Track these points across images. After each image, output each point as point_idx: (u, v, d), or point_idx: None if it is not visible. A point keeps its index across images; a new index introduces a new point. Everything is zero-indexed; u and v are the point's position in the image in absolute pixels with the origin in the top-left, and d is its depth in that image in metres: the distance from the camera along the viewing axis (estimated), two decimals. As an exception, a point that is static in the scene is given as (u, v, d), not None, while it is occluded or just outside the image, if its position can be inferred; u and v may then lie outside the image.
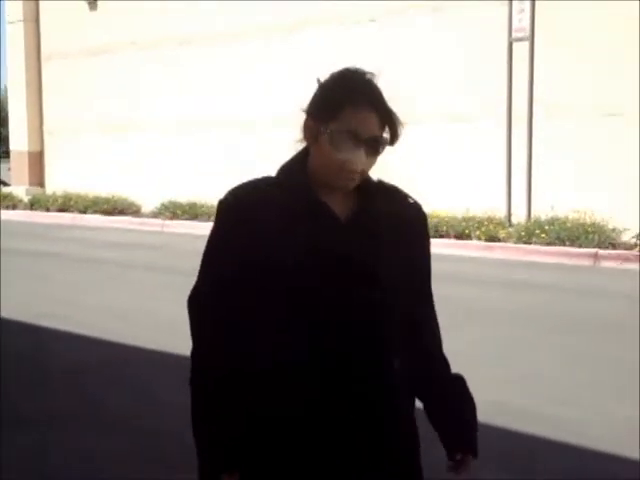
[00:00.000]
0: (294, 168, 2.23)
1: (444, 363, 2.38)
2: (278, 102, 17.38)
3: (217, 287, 2.20)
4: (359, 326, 2.15)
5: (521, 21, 14.56)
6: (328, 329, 2.12)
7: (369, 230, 2.19)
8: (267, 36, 17.94)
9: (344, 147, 2.11)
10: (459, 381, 2.37)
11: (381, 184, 2.28)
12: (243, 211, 2.17)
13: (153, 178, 20.11)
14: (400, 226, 2.24)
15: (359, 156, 2.11)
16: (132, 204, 20.26)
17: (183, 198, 18.86)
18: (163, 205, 19.11)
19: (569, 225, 13.58)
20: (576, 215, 13.78)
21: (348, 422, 2.14)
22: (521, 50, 14.62)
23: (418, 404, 2.35)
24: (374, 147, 2.13)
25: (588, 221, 13.58)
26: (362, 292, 2.14)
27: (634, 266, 12.21)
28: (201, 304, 2.25)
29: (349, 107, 2.10)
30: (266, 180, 2.26)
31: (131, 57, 20.62)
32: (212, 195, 18.32)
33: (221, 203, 2.25)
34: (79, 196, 21.00)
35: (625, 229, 13.41)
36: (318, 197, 2.17)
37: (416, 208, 2.32)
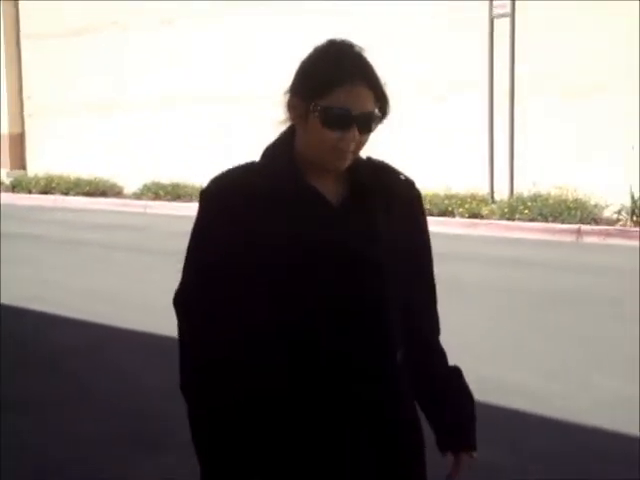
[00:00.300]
0: (279, 151, 2.11)
1: (441, 354, 2.29)
2: (261, 81, 17.33)
3: (203, 282, 2.09)
4: (358, 317, 2.05)
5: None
6: (324, 321, 2.02)
7: (363, 214, 2.08)
8: (250, 12, 17.83)
9: (337, 125, 1.99)
10: (456, 374, 2.29)
11: (371, 162, 2.18)
12: (226, 200, 2.06)
13: (135, 159, 20.02)
14: (394, 206, 2.14)
15: (352, 134, 2.01)
16: (114, 185, 20.18)
17: (166, 179, 18.81)
18: (145, 186, 19.05)
19: (552, 201, 13.62)
20: (558, 191, 13.83)
21: (350, 416, 2.04)
22: (503, 26, 14.60)
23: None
24: (367, 124, 2.03)
25: (570, 197, 13.63)
26: (360, 281, 2.04)
27: (616, 241, 12.28)
28: (187, 300, 2.16)
29: (340, 82, 1.98)
30: (250, 166, 2.14)
31: (113, 37, 20.47)
32: (195, 176, 18.33)
33: (203, 193, 2.15)
34: (61, 178, 20.90)
35: (607, 205, 13.46)
36: (307, 181, 2.06)
37: (409, 185, 2.23)
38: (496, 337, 7.14)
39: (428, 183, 14.86)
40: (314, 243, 2.01)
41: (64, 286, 9.70)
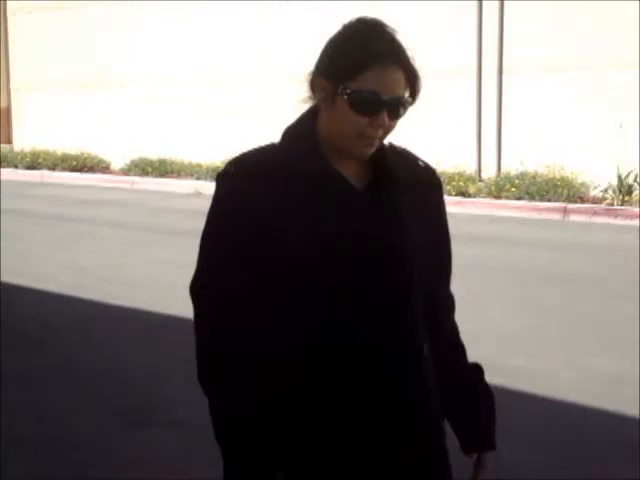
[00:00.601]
0: (300, 133, 1.99)
1: (462, 351, 2.21)
2: (246, 58, 17.28)
3: (220, 270, 1.97)
4: (383, 310, 1.96)
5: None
6: (350, 312, 1.93)
7: (387, 201, 1.99)
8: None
9: (366, 109, 1.88)
10: (477, 371, 2.21)
11: (392, 147, 2.09)
12: (245, 183, 1.94)
13: (122, 135, 19.95)
14: (417, 194, 2.05)
15: (382, 119, 1.90)
16: (101, 161, 20.11)
17: (153, 155, 18.76)
18: (133, 162, 18.99)
19: (538, 180, 13.65)
20: (545, 170, 13.85)
21: (376, 412, 1.96)
22: (492, 6, 14.57)
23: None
24: (397, 109, 1.92)
25: (557, 176, 13.66)
26: (387, 270, 1.95)
27: (602, 220, 12.32)
28: (204, 289, 2.02)
29: (372, 64, 1.86)
30: (270, 148, 2.02)
31: (100, 13, 20.35)
32: (181, 152, 18.28)
33: (220, 176, 2.01)
34: (48, 153, 20.81)
35: (593, 184, 13.50)
36: (331, 165, 1.96)
37: (430, 172, 2.17)
38: (481, 316, 7.16)
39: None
40: (339, 229, 1.92)
41: (49, 261, 9.68)
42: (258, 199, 1.91)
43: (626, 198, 13.00)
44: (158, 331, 6.85)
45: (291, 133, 2.01)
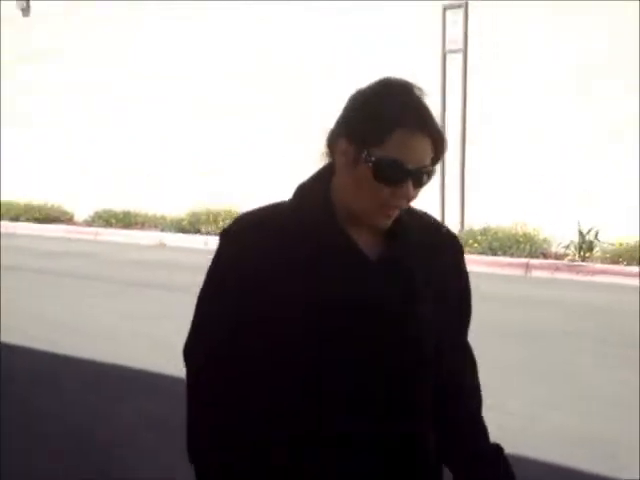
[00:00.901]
0: (314, 191, 1.89)
1: (483, 432, 2.06)
2: (208, 93, 17.37)
3: (217, 337, 1.87)
4: (388, 392, 1.86)
5: (455, 32, 14.70)
6: (353, 384, 1.82)
7: (401, 270, 1.88)
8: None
9: (391, 179, 1.78)
10: (499, 454, 2.04)
11: (411, 211, 1.97)
12: (250, 243, 1.83)
13: (86, 186, 19.90)
14: (435, 261, 1.95)
15: (407, 190, 1.81)
16: (65, 212, 20.04)
17: (117, 207, 18.72)
18: (96, 213, 18.95)
19: (501, 235, 13.77)
20: (508, 225, 13.98)
21: None
22: (455, 61, 14.78)
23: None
24: (422, 178, 1.83)
25: (520, 231, 13.79)
26: (395, 343, 1.85)
27: (564, 275, 12.43)
28: (197, 355, 1.92)
29: (400, 131, 1.76)
30: (278, 206, 1.92)
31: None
32: (146, 204, 18.22)
33: (224, 233, 1.92)
34: (10, 203, 20.70)
35: (555, 240, 13.64)
36: (345, 231, 1.85)
37: (451, 238, 2.07)
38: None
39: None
40: (346, 299, 1.82)
41: (12, 312, 9.58)
42: (259, 261, 1.82)
43: (587, 254, 13.14)
44: (122, 384, 6.81)
45: (304, 191, 1.92)
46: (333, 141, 1.86)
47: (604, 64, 13.04)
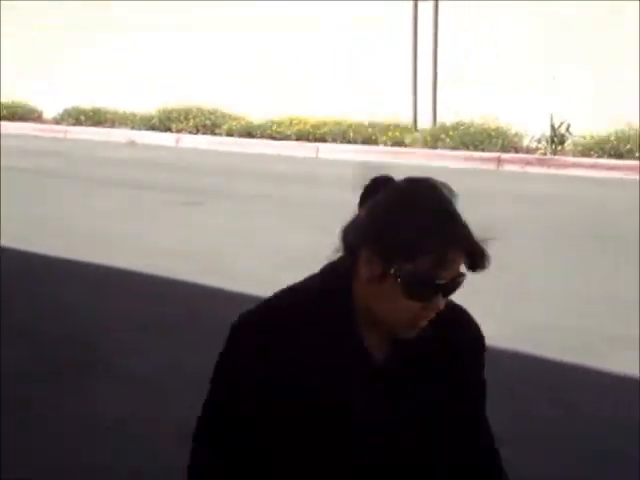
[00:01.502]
0: (337, 288, 1.78)
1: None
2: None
3: (225, 432, 1.83)
4: None
5: None
6: None
7: (409, 375, 1.82)
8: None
9: (421, 295, 1.69)
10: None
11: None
12: (262, 343, 1.77)
13: (55, 83, 19.59)
14: (451, 360, 1.86)
15: (437, 304, 1.72)
16: (33, 110, 19.77)
17: (86, 104, 18.47)
18: (66, 111, 18.70)
19: (473, 130, 13.76)
20: (480, 120, 13.96)
21: None
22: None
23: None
24: (453, 289, 1.73)
25: (492, 126, 13.78)
26: (390, 454, 1.80)
27: (536, 170, 12.48)
28: (203, 448, 1.87)
29: (432, 247, 1.66)
30: (297, 299, 1.82)
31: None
32: (115, 101, 17.97)
33: (236, 328, 1.84)
34: (-23, 101, 20.39)
35: (527, 134, 13.65)
36: (359, 333, 1.78)
37: (473, 334, 1.97)
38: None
39: (352, 111, 14.89)
40: (347, 405, 1.76)
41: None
42: (273, 361, 1.76)
43: (559, 148, 13.18)
44: (102, 282, 6.86)
45: (327, 283, 1.81)
46: (354, 247, 1.74)
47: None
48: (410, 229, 1.66)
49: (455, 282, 1.71)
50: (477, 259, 1.72)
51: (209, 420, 1.87)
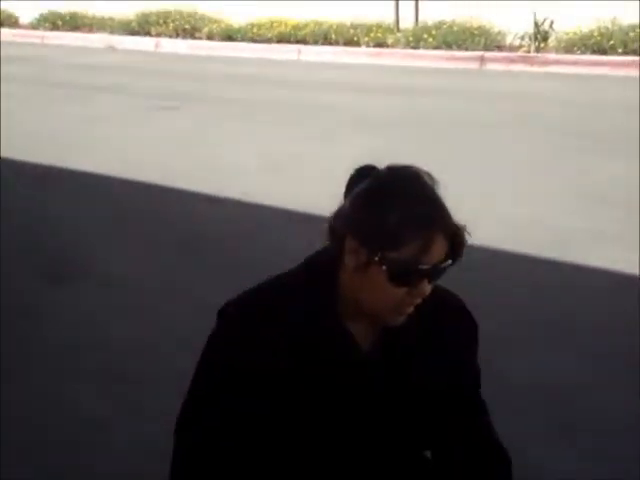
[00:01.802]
0: (321, 278, 1.80)
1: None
2: None
3: (209, 425, 1.83)
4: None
5: None
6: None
7: (396, 361, 1.84)
8: None
9: (407, 282, 1.71)
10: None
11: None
12: (249, 332, 1.79)
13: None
14: (440, 343, 1.88)
15: (423, 289, 1.73)
16: (10, 15, 19.42)
17: (63, 8, 18.16)
18: (42, 16, 18.39)
19: (456, 29, 13.63)
20: (463, 19, 13.81)
21: None
22: None
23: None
24: (438, 274, 1.74)
25: (474, 25, 13.65)
26: (381, 438, 1.84)
27: (519, 67, 12.41)
28: (187, 438, 1.87)
29: (417, 234, 1.67)
30: (280, 290, 1.84)
31: None
32: (94, 5, 17.68)
33: (222, 316, 1.85)
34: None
35: (510, 32, 13.52)
36: (343, 323, 1.80)
37: (464, 318, 1.97)
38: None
39: (334, 12, 14.70)
40: (333, 395, 1.80)
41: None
42: (260, 350, 1.78)
43: (542, 45, 13.08)
44: (87, 189, 6.86)
45: (311, 274, 1.83)
46: (339, 236, 1.75)
47: None
48: (393, 216, 1.67)
49: (439, 267, 1.72)
50: (458, 246, 1.74)
51: (194, 407, 1.88)
